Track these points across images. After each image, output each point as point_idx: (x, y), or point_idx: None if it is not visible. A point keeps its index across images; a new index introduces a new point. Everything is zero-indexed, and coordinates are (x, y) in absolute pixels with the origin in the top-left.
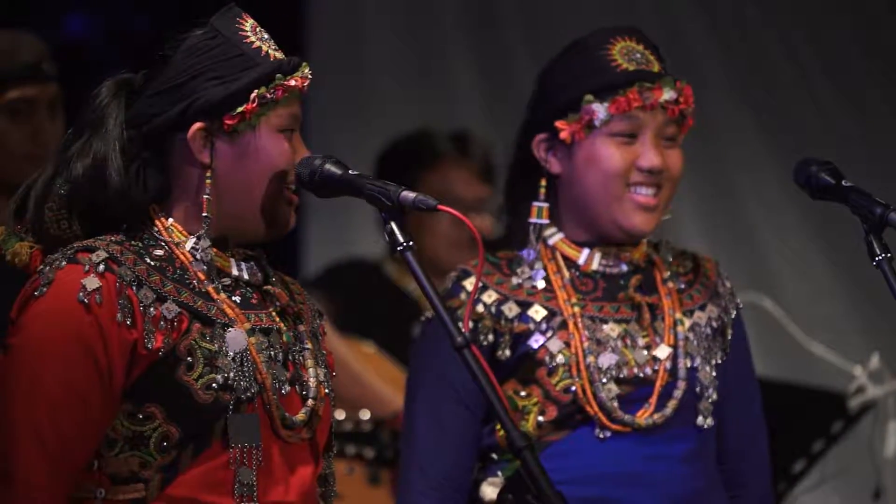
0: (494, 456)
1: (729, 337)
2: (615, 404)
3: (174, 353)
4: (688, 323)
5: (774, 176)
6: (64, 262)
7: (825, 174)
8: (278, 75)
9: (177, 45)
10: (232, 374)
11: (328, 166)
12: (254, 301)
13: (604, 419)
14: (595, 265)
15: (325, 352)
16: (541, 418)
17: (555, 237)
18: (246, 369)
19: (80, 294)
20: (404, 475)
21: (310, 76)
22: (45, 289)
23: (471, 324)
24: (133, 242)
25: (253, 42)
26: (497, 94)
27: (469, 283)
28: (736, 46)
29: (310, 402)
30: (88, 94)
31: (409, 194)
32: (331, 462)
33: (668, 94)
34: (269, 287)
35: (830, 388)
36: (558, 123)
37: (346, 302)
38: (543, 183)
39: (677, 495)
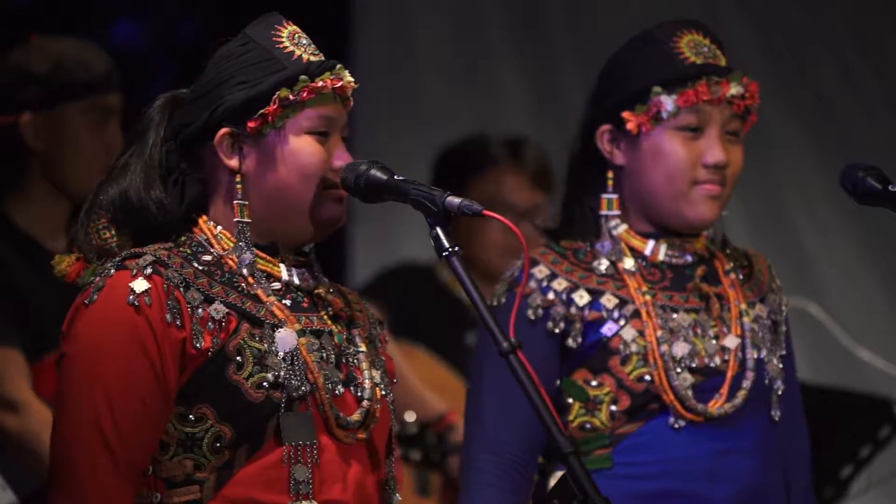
0: None
1: (784, 331)
2: (689, 393)
3: (223, 352)
4: (752, 314)
5: (820, 180)
6: (112, 270)
7: (872, 179)
8: (302, 77)
9: (212, 56)
10: (283, 373)
11: (374, 171)
12: (305, 304)
13: (679, 408)
14: (661, 256)
15: (383, 358)
16: (613, 408)
17: (619, 228)
18: (297, 368)
19: (130, 297)
20: (467, 447)
21: (345, 78)
22: (95, 296)
23: (541, 311)
24: (181, 249)
25: (286, 47)
26: (545, 97)
27: (539, 272)
28: (781, 49)
29: (365, 402)
30: (137, 100)
31: (455, 200)
32: (391, 467)
33: (735, 89)
34: (321, 290)
35: (878, 394)
36: (625, 114)
37: (398, 305)
38: (611, 175)
39: (749, 488)
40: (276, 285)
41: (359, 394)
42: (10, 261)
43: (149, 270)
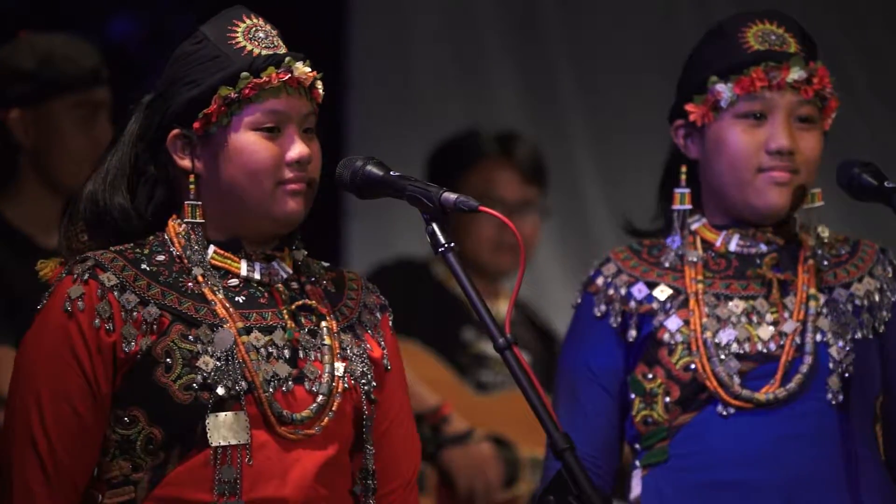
0: (637, 447)
1: (885, 317)
2: (735, 380)
3: (150, 355)
4: (822, 299)
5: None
6: (64, 275)
7: (868, 175)
8: (244, 74)
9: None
10: (213, 374)
11: (369, 167)
12: (262, 300)
13: (724, 395)
14: (732, 246)
15: (369, 345)
16: (667, 399)
17: (697, 223)
18: (231, 368)
19: (66, 303)
20: (546, 457)
21: (297, 70)
22: (45, 300)
23: (604, 307)
24: (137, 251)
25: (238, 42)
26: (539, 95)
27: (606, 269)
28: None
29: (320, 398)
30: (130, 96)
31: (451, 196)
32: (369, 458)
33: (796, 74)
34: (280, 285)
35: None
36: (687, 106)
37: (393, 301)
38: (684, 169)
39: (803, 475)
40: (234, 282)
41: (314, 388)
42: (2, 258)
43: (86, 276)
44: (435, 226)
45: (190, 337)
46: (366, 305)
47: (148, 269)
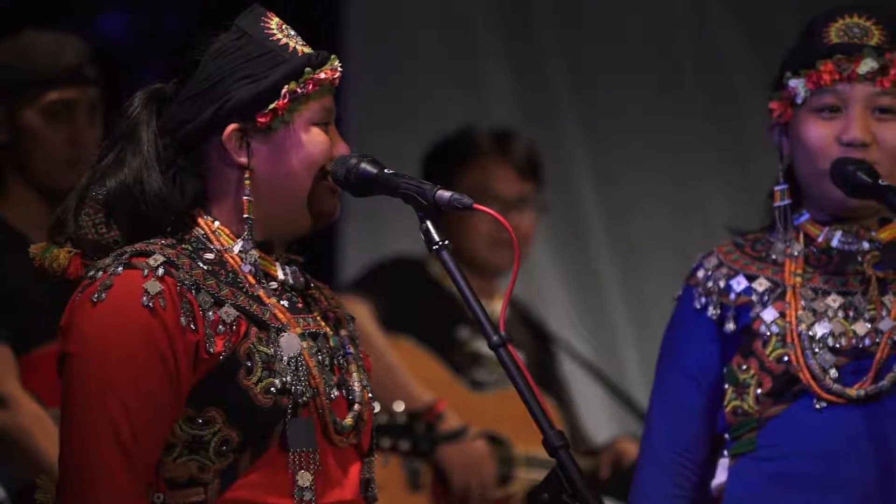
0: (727, 437)
1: None
2: (832, 373)
3: (234, 356)
4: None
5: None
6: (120, 268)
7: (861, 173)
8: (307, 69)
9: (204, 50)
10: (289, 378)
11: (364, 165)
12: (299, 305)
13: (816, 388)
14: (835, 242)
15: (361, 356)
16: (759, 391)
17: (801, 218)
18: (301, 373)
19: (144, 298)
20: (639, 452)
21: (340, 69)
22: (104, 294)
23: (703, 300)
24: (184, 246)
25: (280, 39)
26: (532, 94)
27: (708, 262)
28: (768, 47)
29: (356, 406)
30: (123, 96)
31: (445, 193)
32: (372, 467)
33: (867, 66)
34: (313, 291)
35: None
36: (770, 104)
37: (389, 299)
38: (780, 166)
39: (885, 474)
40: (273, 285)
41: (350, 397)
42: None
43: (161, 271)
44: (429, 223)
45: (264, 340)
46: (347, 317)
47: (205, 267)
